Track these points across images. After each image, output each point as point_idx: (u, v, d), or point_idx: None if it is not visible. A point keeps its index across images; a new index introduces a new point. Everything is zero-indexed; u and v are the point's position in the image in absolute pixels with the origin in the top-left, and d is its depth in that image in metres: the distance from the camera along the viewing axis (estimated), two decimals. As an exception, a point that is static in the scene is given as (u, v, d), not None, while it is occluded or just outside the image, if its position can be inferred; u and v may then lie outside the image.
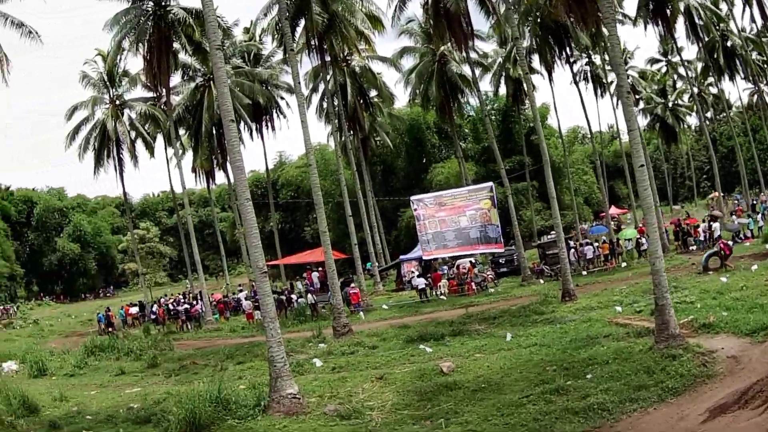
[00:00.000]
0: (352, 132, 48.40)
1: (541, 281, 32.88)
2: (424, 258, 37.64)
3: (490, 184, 36.37)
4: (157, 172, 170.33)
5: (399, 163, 62.80)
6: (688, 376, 11.64)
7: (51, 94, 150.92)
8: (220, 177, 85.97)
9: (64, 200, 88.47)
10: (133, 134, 45.96)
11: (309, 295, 34.22)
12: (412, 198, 38.76)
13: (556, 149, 55.70)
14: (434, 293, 33.66)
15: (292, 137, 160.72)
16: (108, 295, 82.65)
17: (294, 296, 35.84)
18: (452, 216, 35.51)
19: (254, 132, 50.12)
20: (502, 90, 53.52)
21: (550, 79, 45.19)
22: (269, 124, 50.29)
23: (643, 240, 32.19)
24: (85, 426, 14.44)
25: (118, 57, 40.42)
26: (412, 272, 38.99)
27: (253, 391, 14.67)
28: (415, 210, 37.02)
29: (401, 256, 44.75)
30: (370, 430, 11.70)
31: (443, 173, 55.92)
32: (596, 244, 36.08)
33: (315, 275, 39.58)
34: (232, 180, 51.38)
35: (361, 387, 14.74)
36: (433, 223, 35.83)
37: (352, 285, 34.25)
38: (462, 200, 35.80)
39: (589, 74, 52.08)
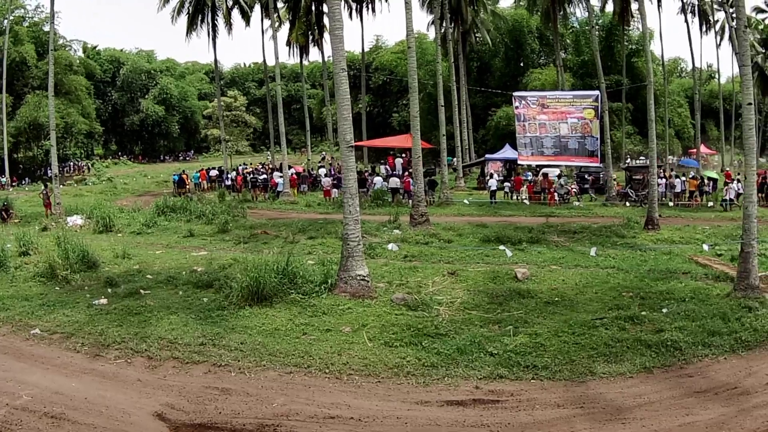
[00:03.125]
0: (453, 24, 47.06)
1: (627, 204, 32.10)
2: (519, 162, 36.89)
3: (597, 92, 33.87)
4: (250, 43, 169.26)
5: (496, 63, 61.37)
6: (762, 332, 11.01)
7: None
8: (313, 54, 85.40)
9: (153, 63, 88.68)
10: (230, 2, 44.79)
11: (392, 179, 33.99)
12: (515, 94, 37.39)
13: (656, 76, 52.75)
14: (515, 197, 33.77)
15: (390, 24, 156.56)
16: (188, 159, 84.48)
17: (375, 178, 35.32)
18: (553, 121, 34.20)
19: (354, 12, 49.08)
20: (609, 8, 51.03)
21: (659, 4, 44.06)
22: (369, 5, 49.07)
23: (734, 185, 30.65)
24: (144, 285, 14.91)
25: None
26: (492, 173, 38.62)
27: (322, 268, 14.70)
28: (516, 108, 35.63)
29: (487, 155, 44.54)
30: (436, 325, 11.49)
31: (540, 79, 54.48)
32: (683, 179, 34.29)
33: (398, 161, 39.56)
34: (326, 57, 50.88)
35: (431, 280, 14.67)
36: (533, 126, 34.70)
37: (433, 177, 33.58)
38: (565, 105, 34.21)
39: (696, 8, 49.96)
